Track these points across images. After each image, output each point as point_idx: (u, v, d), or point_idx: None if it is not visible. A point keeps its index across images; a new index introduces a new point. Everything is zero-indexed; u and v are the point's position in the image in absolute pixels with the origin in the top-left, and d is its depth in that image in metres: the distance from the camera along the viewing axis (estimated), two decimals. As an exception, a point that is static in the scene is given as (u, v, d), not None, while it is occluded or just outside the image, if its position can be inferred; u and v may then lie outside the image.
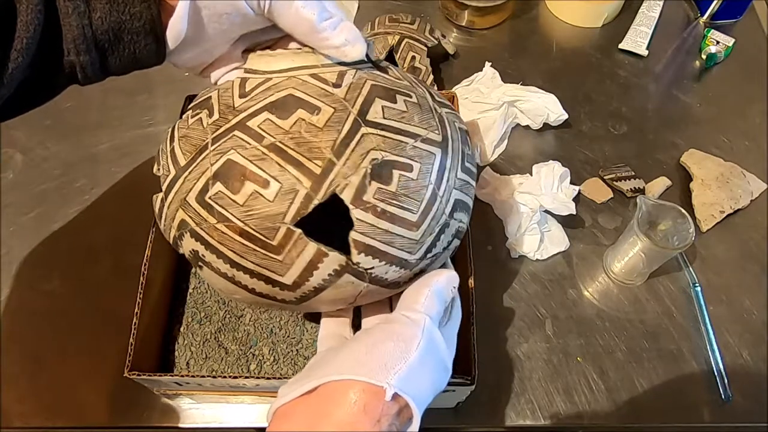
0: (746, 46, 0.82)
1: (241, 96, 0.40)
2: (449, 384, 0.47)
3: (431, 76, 0.75)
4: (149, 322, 0.52)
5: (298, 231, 0.37)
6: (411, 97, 0.42)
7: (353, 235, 0.37)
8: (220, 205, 0.38)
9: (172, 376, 0.47)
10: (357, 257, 0.38)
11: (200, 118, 0.41)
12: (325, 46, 0.39)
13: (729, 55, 0.81)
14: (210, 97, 0.42)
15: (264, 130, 0.38)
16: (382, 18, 0.79)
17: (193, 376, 0.48)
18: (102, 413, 0.56)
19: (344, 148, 0.37)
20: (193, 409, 0.57)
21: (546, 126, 0.74)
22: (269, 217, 0.37)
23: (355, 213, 0.37)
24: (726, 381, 0.58)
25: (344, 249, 0.38)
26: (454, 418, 0.57)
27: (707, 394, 0.58)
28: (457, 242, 0.45)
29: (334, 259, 0.38)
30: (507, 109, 0.72)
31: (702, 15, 0.86)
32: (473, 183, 0.45)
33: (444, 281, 0.41)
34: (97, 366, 0.58)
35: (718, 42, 0.81)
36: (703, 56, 0.81)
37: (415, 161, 0.39)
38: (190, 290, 0.59)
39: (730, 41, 0.81)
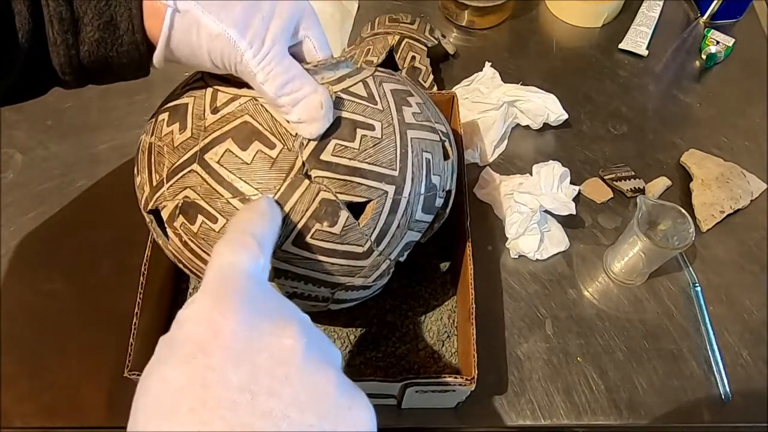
0: (746, 46, 0.82)
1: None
2: (449, 384, 0.48)
3: (431, 76, 0.75)
4: (149, 322, 0.52)
5: (148, 218, 0.43)
6: (273, 148, 0.38)
7: (169, 247, 0.42)
8: None
9: (172, 376, 0.47)
10: (180, 266, 0.43)
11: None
12: (284, 116, 0.38)
13: (729, 55, 0.81)
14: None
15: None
16: (382, 18, 0.79)
17: (193, 376, 0.48)
18: (102, 413, 0.56)
19: (173, 175, 0.39)
20: (193, 409, 0.57)
21: (546, 126, 0.74)
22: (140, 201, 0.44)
23: (168, 230, 0.41)
24: (726, 381, 0.58)
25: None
26: (454, 418, 0.57)
27: (707, 394, 0.58)
28: (308, 305, 0.43)
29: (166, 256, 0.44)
30: (507, 109, 0.72)
31: (702, 15, 0.86)
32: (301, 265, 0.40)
33: None
34: (97, 366, 0.58)
35: (718, 42, 0.81)
36: (703, 56, 0.81)
37: (222, 216, 0.38)
38: (190, 290, 0.59)
39: (730, 41, 0.81)
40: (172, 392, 0.25)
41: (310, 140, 0.38)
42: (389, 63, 0.75)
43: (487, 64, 0.76)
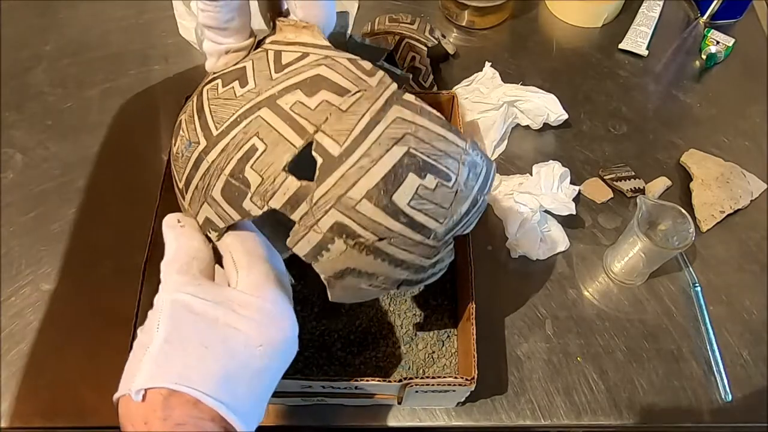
0: (746, 46, 0.82)
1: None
2: (449, 384, 0.48)
3: (431, 76, 0.75)
4: (149, 322, 0.52)
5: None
6: None
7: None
8: None
9: (172, 376, 0.47)
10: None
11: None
12: None
13: (729, 55, 0.81)
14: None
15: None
16: (382, 18, 0.79)
17: (193, 376, 0.48)
18: (102, 413, 0.56)
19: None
20: (193, 409, 0.57)
21: (546, 126, 0.74)
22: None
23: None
24: (726, 381, 0.58)
25: None
26: (454, 418, 0.57)
27: (707, 394, 0.58)
28: None
29: None
30: (507, 109, 0.72)
31: (702, 15, 0.86)
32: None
33: (165, 230, 0.39)
34: (97, 366, 0.58)
35: (718, 42, 0.81)
36: (703, 56, 0.81)
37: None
38: (190, 290, 0.59)
39: (730, 41, 0.81)
40: None
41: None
42: (389, 63, 0.75)
43: (487, 64, 0.76)
